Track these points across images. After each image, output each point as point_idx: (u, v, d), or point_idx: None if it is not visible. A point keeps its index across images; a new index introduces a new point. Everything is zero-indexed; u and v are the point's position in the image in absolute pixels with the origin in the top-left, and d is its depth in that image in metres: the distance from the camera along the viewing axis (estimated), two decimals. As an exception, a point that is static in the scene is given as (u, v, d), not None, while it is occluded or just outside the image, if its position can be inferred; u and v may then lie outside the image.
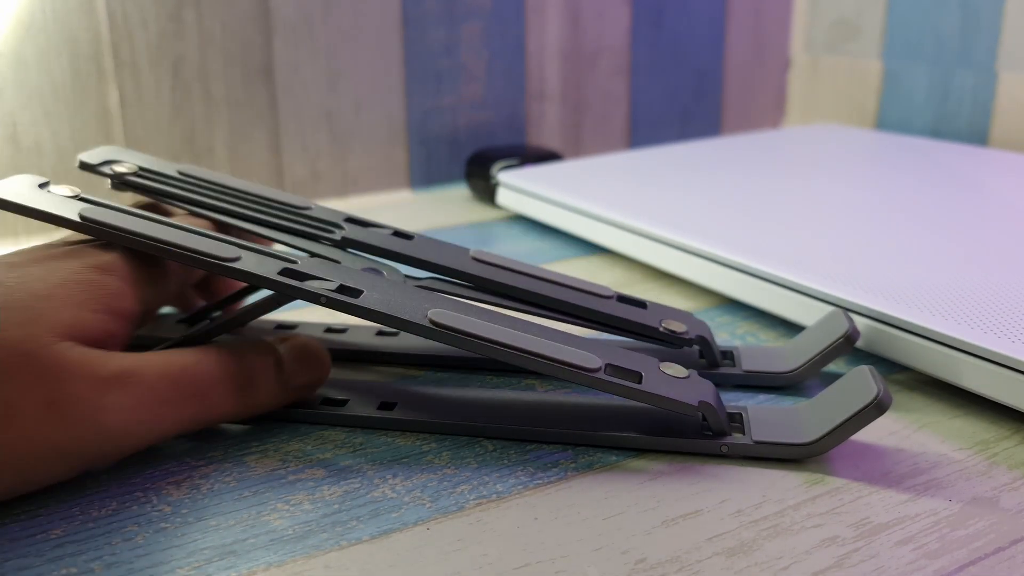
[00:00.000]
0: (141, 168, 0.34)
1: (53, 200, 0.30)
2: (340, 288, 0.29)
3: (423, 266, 0.34)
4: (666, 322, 0.33)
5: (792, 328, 0.38)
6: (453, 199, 0.60)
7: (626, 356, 0.29)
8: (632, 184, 0.52)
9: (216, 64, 0.55)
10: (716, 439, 0.28)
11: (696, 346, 0.33)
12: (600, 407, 0.30)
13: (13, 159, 0.51)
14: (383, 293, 0.29)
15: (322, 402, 0.31)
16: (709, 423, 0.28)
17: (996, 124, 0.63)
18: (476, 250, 0.35)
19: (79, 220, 0.29)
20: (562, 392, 0.33)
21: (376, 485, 0.27)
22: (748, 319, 0.39)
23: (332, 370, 0.35)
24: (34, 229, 0.52)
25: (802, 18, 0.76)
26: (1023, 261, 0.38)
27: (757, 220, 0.44)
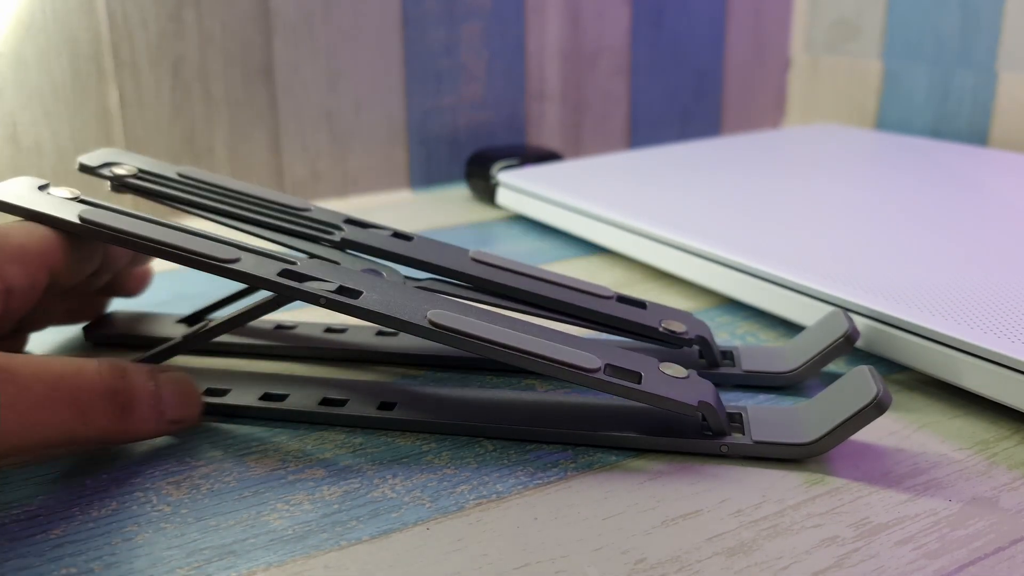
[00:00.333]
0: (141, 170, 0.34)
1: (53, 202, 0.30)
2: (339, 289, 0.29)
3: (422, 267, 0.34)
4: (666, 322, 0.33)
5: (792, 328, 0.38)
6: (453, 199, 0.60)
7: (626, 356, 0.29)
8: (632, 184, 0.52)
9: (216, 64, 0.55)
10: (716, 439, 0.28)
11: (696, 346, 0.33)
12: (600, 407, 0.30)
13: (13, 159, 0.51)
14: (382, 294, 0.29)
15: (322, 402, 0.31)
16: (709, 423, 0.28)
17: (996, 124, 0.63)
18: (475, 251, 0.35)
19: (78, 222, 0.29)
20: (562, 392, 0.33)
21: (376, 485, 0.27)
22: (748, 319, 0.39)
23: (332, 370, 0.35)
24: (34, 229, 0.52)
25: (802, 18, 0.76)
26: (1023, 261, 0.38)
27: (757, 220, 0.44)
